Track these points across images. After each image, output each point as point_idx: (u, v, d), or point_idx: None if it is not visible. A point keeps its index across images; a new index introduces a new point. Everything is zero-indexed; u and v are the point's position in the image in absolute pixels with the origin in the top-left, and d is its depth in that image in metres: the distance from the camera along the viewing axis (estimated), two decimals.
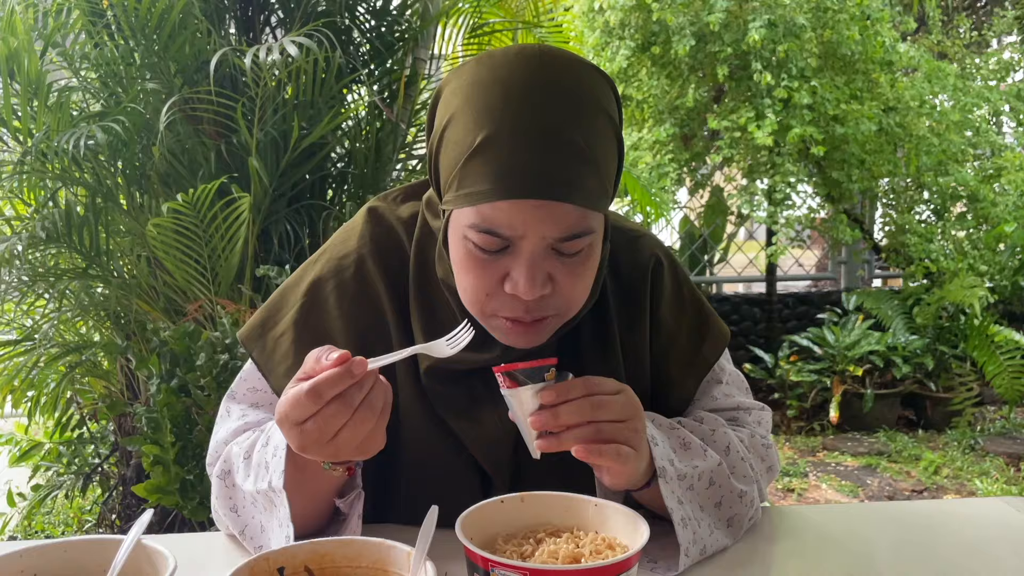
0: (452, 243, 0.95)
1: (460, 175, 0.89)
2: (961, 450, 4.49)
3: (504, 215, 0.87)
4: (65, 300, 3.09)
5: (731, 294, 6.03)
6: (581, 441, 0.87)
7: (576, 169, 0.87)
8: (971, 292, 4.58)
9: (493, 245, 0.90)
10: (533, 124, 0.86)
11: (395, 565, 0.80)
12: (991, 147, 5.24)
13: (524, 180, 0.86)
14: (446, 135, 0.91)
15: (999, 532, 1.10)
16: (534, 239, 0.89)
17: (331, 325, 1.06)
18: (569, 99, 0.88)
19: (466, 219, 0.90)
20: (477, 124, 0.87)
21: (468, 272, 0.93)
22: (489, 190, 0.86)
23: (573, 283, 0.93)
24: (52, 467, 3.45)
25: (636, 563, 0.79)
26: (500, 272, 0.91)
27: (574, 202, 0.87)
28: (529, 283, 0.89)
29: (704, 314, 1.15)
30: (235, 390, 1.13)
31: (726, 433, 1.07)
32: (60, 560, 0.83)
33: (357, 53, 3.23)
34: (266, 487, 0.94)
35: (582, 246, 0.91)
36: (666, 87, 5.00)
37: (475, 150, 0.87)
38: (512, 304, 0.92)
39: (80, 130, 2.60)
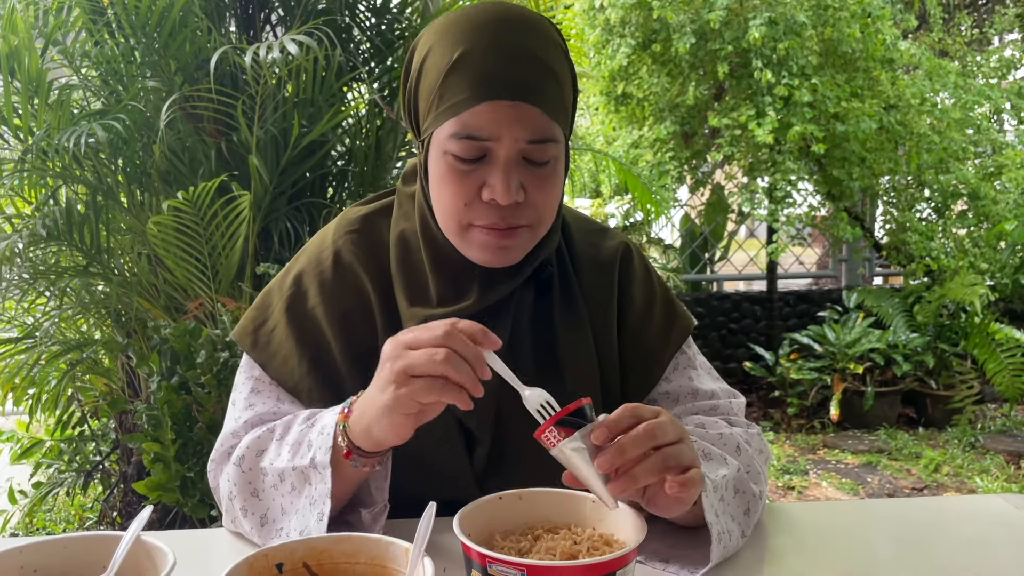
0: (432, 165, 1.03)
1: (440, 92, 0.99)
2: (961, 448, 4.49)
3: (482, 119, 0.97)
4: (66, 298, 3.10)
5: (732, 292, 6.02)
6: (655, 473, 0.84)
7: (542, 80, 0.99)
8: (972, 290, 4.58)
9: (472, 152, 0.99)
10: (503, 41, 0.99)
11: (393, 561, 0.80)
12: (992, 145, 5.24)
13: (499, 84, 0.97)
14: (425, 66, 1.02)
15: (998, 529, 1.10)
16: (508, 142, 0.98)
17: (316, 313, 1.11)
18: (531, 27, 1.02)
19: (447, 131, 0.99)
20: (453, 46, 0.99)
21: (448, 185, 1.01)
22: (468, 97, 0.97)
23: (543, 193, 1.02)
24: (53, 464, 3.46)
25: (634, 559, 0.79)
26: (478, 182, 1.00)
27: (542, 107, 0.98)
28: (505, 187, 0.98)
29: (671, 300, 1.22)
30: (236, 383, 1.16)
31: (732, 434, 1.07)
32: (60, 556, 0.83)
33: (357, 51, 3.23)
34: (306, 463, 0.97)
35: (548, 156, 1.01)
36: (667, 85, 5.00)
37: (453, 65, 0.98)
38: (488, 212, 1.01)
39: (81, 128, 2.60)
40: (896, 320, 4.96)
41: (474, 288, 1.08)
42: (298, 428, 1.02)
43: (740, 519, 1.01)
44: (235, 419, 1.11)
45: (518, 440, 1.05)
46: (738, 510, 1.01)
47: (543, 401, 0.87)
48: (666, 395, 1.17)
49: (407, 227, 1.12)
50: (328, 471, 0.95)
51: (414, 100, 1.06)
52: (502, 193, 0.98)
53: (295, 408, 1.10)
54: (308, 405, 1.09)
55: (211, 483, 1.14)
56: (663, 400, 1.17)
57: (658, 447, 0.84)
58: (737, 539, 0.99)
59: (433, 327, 0.87)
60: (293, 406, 1.10)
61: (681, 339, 1.19)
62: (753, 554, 1.02)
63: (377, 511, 1.01)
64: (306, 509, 0.98)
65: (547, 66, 1.00)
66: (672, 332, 1.19)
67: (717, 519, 0.95)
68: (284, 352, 1.10)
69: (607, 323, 1.15)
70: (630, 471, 0.83)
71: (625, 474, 0.83)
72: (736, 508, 1.01)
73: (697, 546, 0.97)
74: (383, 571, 0.81)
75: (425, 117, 1.03)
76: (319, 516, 0.95)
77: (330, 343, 1.09)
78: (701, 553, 0.96)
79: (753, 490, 1.04)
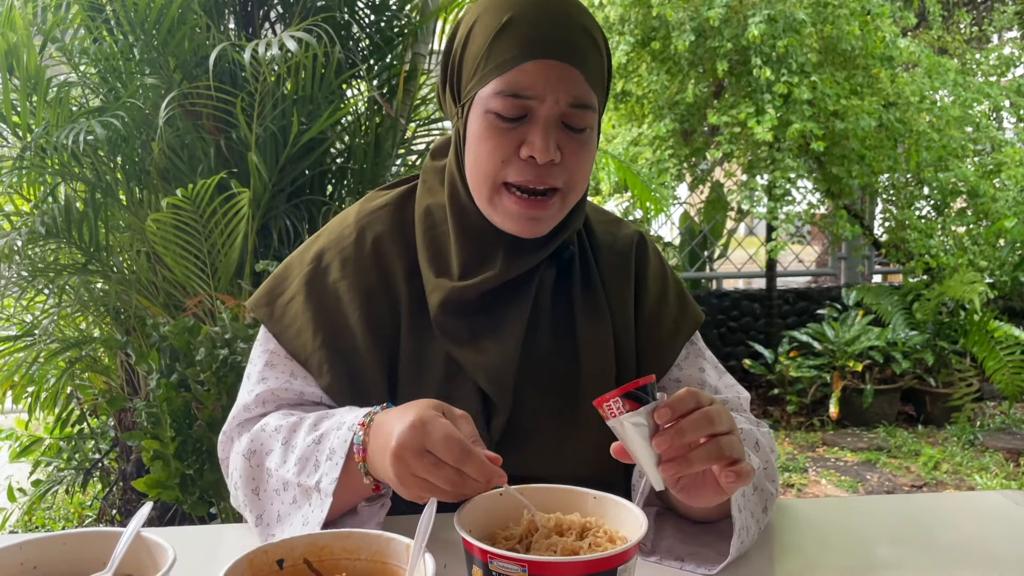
0: (472, 125, 1.05)
1: (487, 54, 1.03)
2: (960, 445, 4.50)
3: (528, 76, 1.01)
4: (65, 295, 3.10)
5: (731, 290, 6.02)
6: (710, 460, 0.84)
7: (585, 46, 1.04)
8: (971, 288, 4.58)
9: (514, 110, 1.02)
10: (551, 7, 1.04)
11: (394, 557, 0.80)
12: (991, 143, 5.24)
13: (546, 45, 1.01)
14: (473, 31, 1.06)
15: (997, 525, 1.10)
16: (550, 103, 1.01)
17: (338, 288, 1.12)
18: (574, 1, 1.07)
19: (492, 89, 1.02)
20: (502, 12, 1.04)
21: (487, 141, 1.04)
22: (516, 55, 1.01)
23: (577, 159, 1.05)
24: (52, 462, 3.46)
25: (635, 555, 0.79)
26: (517, 140, 1.03)
27: (583, 72, 1.02)
28: (544, 143, 1.01)
29: (683, 290, 1.26)
30: (251, 355, 1.17)
31: (751, 430, 1.08)
32: (60, 552, 0.83)
33: (356, 48, 3.23)
34: (311, 484, 0.97)
35: (585, 124, 1.04)
36: (666, 82, 5.00)
37: (502, 28, 1.02)
38: (524, 169, 1.03)
39: (79, 125, 2.60)
40: (895, 318, 4.96)
41: (499, 258, 1.09)
42: (306, 442, 1.00)
43: (758, 516, 1.01)
44: (248, 392, 1.12)
45: (534, 411, 1.09)
46: (757, 507, 1.01)
47: None
48: (676, 382, 1.18)
49: (432, 201, 1.14)
50: (329, 501, 0.95)
51: (458, 67, 1.08)
52: (541, 149, 1.01)
53: (307, 385, 1.10)
54: (319, 380, 1.09)
55: (220, 454, 1.15)
56: (673, 387, 1.18)
57: (714, 435, 0.85)
58: (753, 535, 1.00)
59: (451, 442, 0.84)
60: (306, 382, 1.10)
61: (692, 329, 1.21)
62: (753, 550, 1.02)
63: (379, 504, 1.01)
64: (298, 527, 0.98)
65: (591, 36, 1.05)
66: (684, 321, 1.21)
67: (740, 514, 0.95)
68: (299, 324, 1.11)
69: (624, 309, 1.17)
70: (687, 455, 0.83)
71: (681, 458, 0.83)
72: (756, 505, 1.01)
73: (711, 544, 0.98)
74: (384, 567, 0.80)
75: (470, 79, 1.06)
76: None
77: (349, 318, 1.10)
78: (715, 551, 0.96)
79: (769, 488, 1.04)
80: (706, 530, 0.99)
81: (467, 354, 1.08)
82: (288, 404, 1.11)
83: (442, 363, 1.09)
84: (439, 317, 1.09)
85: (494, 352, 1.08)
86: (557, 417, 1.09)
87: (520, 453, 1.04)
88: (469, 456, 0.84)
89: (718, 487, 0.87)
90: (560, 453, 1.09)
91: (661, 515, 1.05)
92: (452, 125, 1.13)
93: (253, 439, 1.06)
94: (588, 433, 1.05)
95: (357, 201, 1.21)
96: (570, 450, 1.09)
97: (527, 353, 1.10)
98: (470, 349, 1.09)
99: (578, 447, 1.09)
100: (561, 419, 1.09)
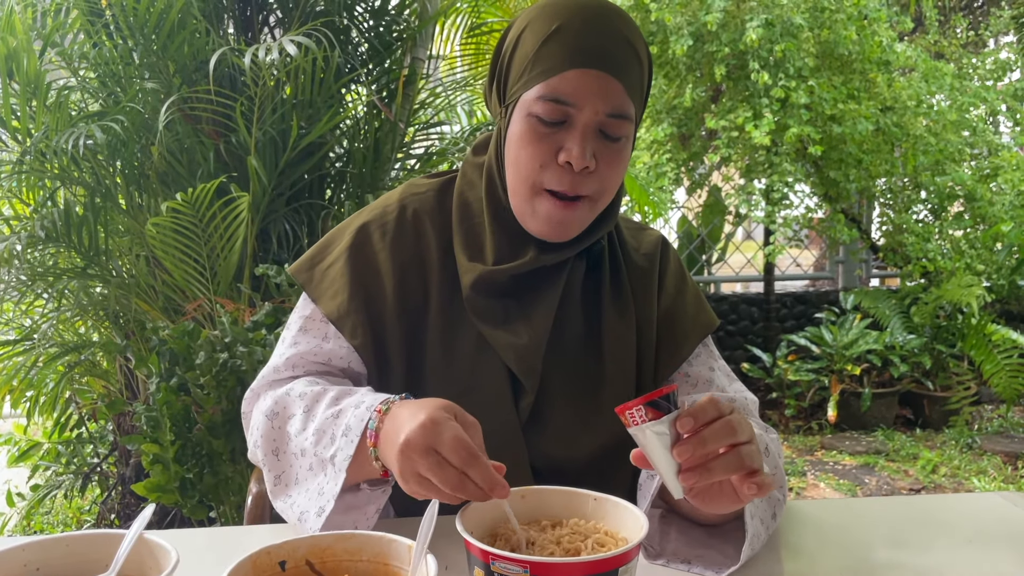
0: (514, 127, 1.10)
1: (534, 59, 1.07)
2: (959, 449, 4.50)
3: (570, 84, 1.05)
4: (64, 300, 3.10)
5: (729, 294, 6.03)
6: (731, 471, 0.84)
7: (627, 58, 1.08)
8: (968, 291, 4.59)
9: (555, 115, 1.06)
10: (598, 19, 1.08)
11: (396, 559, 0.81)
12: (988, 147, 5.25)
13: (590, 55, 1.05)
14: (523, 36, 1.10)
15: (997, 526, 1.11)
16: (589, 112, 1.05)
17: (377, 258, 1.16)
18: (621, 13, 1.11)
19: (535, 93, 1.07)
20: (551, 20, 1.08)
21: (527, 145, 1.08)
22: (561, 63, 1.05)
23: (611, 168, 1.09)
24: (51, 467, 3.45)
25: (636, 556, 0.80)
26: (556, 145, 1.07)
27: (623, 82, 1.06)
28: (581, 150, 1.05)
29: (700, 293, 1.28)
30: (288, 321, 1.21)
31: (761, 436, 1.07)
32: (63, 554, 0.83)
33: (355, 53, 3.23)
34: (327, 457, 0.99)
35: (622, 133, 1.08)
36: (664, 87, 5.01)
37: (550, 36, 1.07)
38: (561, 175, 1.07)
39: (79, 130, 2.60)
40: (893, 321, 4.96)
41: (531, 249, 1.13)
42: (326, 414, 1.02)
43: (768, 522, 1.02)
44: (279, 355, 1.16)
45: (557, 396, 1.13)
46: (767, 514, 1.02)
47: None
48: (686, 377, 1.20)
49: (471, 194, 1.19)
50: (342, 476, 0.97)
51: (506, 69, 1.12)
52: (578, 156, 1.04)
53: (339, 347, 1.13)
54: (352, 341, 1.12)
55: (243, 408, 1.19)
56: (682, 381, 1.20)
57: (735, 444, 0.85)
58: (763, 542, 1.00)
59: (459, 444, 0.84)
60: (337, 343, 1.13)
61: (706, 330, 1.23)
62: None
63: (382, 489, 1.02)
64: (314, 494, 1.00)
65: (634, 49, 1.09)
66: (699, 322, 1.23)
67: (752, 520, 0.95)
68: (336, 287, 1.15)
69: (648, 306, 1.21)
70: (707, 465, 0.83)
71: (702, 467, 0.83)
72: (765, 512, 1.01)
73: (717, 547, 0.98)
74: (386, 568, 0.81)
75: (516, 82, 1.10)
76: (319, 511, 0.98)
77: (385, 287, 1.14)
78: (721, 553, 0.97)
79: (777, 495, 1.05)
80: (712, 533, 1.00)
81: (498, 335, 1.12)
82: (316, 371, 1.14)
83: (473, 341, 1.13)
84: (471, 296, 1.13)
85: (524, 334, 1.12)
86: (578, 404, 1.13)
87: (541, 436, 1.11)
88: (476, 461, 0.84)
89: (735, 496, 0.86)
90: (578, 439, 1.12)
91: (666, 517, 1.05)
92: (495, 123, 1.18)
93: (277, 401, 1.09)
94: (606, 422, 1.08)
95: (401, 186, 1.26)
96: (588, 437, 1.13)
97: (555, 339, 1.14)
98: (501, 330, 1.13)
99: (595, 435, 1.12)
100: (582, 406, 1.13)
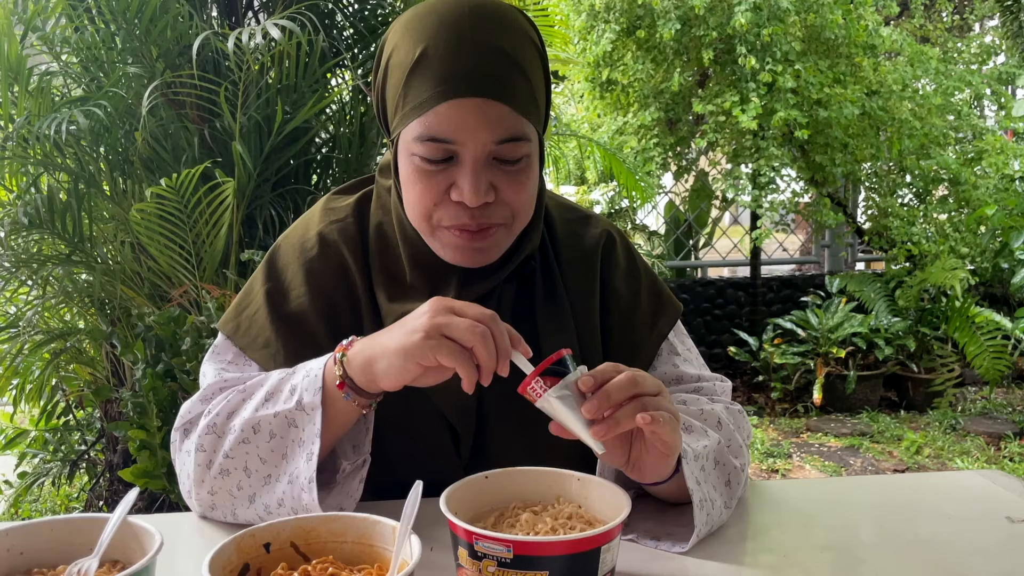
0: (401, 165, 1.02)
1: (404, 92, 0.98)
2: (942, 430, 4.55)
3: (446, 120, 0.95)
4: (49, 287, 3.07)
5: (716, 278, 6.05)
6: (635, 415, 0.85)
7: (507, 73, 0.97)
8: (952, 274, 4.63)
9: (438, 154, 0.97)
10: (465, 36, 0.96)
11: (380, 539, 0.81)
12: (972, 131, 5.28)
13: (461, 82, 0.95)
14: (391, 64, 1.01)
15: (977, 504, 1.12)
16: (475, 145, 0.96)
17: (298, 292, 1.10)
18: (496, 17, 0.99)
19: (412, 133, 0.98)
20: (416, 43, 0.97)
21: (416, 184, 1.00)
22: (430, 97, 0.95)
23: (516, 192, 1.01)
24: (38, 455, 3.44)
25: (618, 535, 0.81)
26: (446, 183, 0.99)
27: (507, 103, 0.96)
28: (473, 188, 0.96)
29: (658, 286, 1.22)
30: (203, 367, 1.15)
31: (713, 409, 1.09)
32: (46, 538, 0.83)
33: (340, 37, 3.21)
34: (292, 407, 0.96)
35: (520, 154, 0.99)
36: (651, 71, 5.00)
37: (415, 64, 0.96)
38: (458, 213, 0.99)
39: (62, 115, 2.57)
40: (878, 305, 5.00)
41: (452, 284, 1.08)
42: (275, 379, 1.00)
43: (722, 490, 1.03)
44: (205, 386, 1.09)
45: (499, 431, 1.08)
46: (719, 481, 1.03)
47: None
48: None
49: (385, 220, 1.12)
50: (317, 412, 0.95)
51: (382, 99, 1.05)
52: (470, 195, 0.97)
53: None
54: None
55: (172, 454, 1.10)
56: None
57: (638, 395, 0.87)
58: (720, 509, 1.01)
59: (481, 308, 0.89)
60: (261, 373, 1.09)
61: (668, 326, 1.20)
62: (737, 529, 1.03)
63: (358, 463, 1.01)
64: (294, 452, 0.97)
65: (514, 60, 0.97)
66: (659, 320, 1.19)
67: (699, 486, 0.97)
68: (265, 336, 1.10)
69: (589, 313, 1.15)
70: (613, 415, 0.86)
71: (609, 418, 0.86)
72: (717, 479, 1.02)
73: (685, 523, 0.99)
74: (370, 550, 0.81)
75: (392, 117, 1.02)
76: (308, 456, 0.95)
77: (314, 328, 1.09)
78: (689, 530, 0.97)
79: (733, 463, 1.05)
80: (683, 511, 1.01)
81: None
82: None
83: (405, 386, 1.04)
84: None
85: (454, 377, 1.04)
86: (523, 434, 1.06)
87: None
88: (494, 316, 0.87)
89: (659, 452, 0.89)
90: None
91: (638, 499, 1.06)
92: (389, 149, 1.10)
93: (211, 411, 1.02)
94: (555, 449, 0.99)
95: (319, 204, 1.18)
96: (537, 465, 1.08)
97: None
98: None
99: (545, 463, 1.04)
100: (527, 436, 1.05)
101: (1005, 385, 5.31)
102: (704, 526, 0.96)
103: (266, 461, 0.99)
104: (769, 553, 0.98)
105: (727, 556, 0.96)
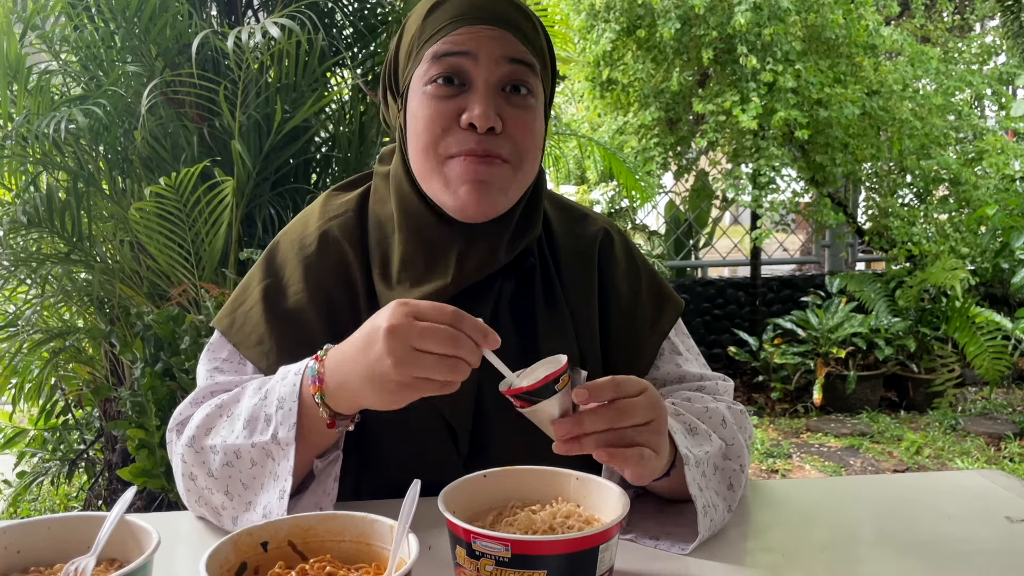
0: (412, 108, 1.04)
1: (419, 34, 1.04)
2: (942, 430, 4.54)
3: (462, 38, 1.01)
4: (48, 286, 3.07)
5: (716, 278, 6.05)
6: (602, 446, 0.86)
7: (516, 15, 1.05)
8: (953, 274, 4.62)
9: (451, 68, 1.01)
10: None
11: (378, 538, 0.81)
12: (973, 131, 5.28)
13: (479, 11, 1.02)
14: (407, 25, 1.08)
15: (976, 503, 1.12)
16: (487, 61, 1.01)
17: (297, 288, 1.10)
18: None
19: (428, 60, 1.02)
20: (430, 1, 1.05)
21: (427, 111, 1.02)
22: (447, 25, 1.02)
23: (522, 128, 1.03)
24: (37, 454, 3.44)
25: (616, 534, 0.80)
26: (456, 109, 1.01)
27: (517, 35, 1.03)
28: (483, 109, 0.99)
29: (659, 283, 1.21)
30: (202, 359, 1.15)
31: (717, 408, 1.08)
32: (44, 537, 0.83)
33: (340, 36, 3.21)
34: (267, 439, 0.95)
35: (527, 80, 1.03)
36: (651, 71, 5.00)
37: (432, 8, 1.04)
38: (466, 138, 1.01)
39: (61, 114, 2.57)
40: (878, 305, 5.00)
41: (451, 264, 1.06)
42: (250, 401, 0.99)
43: (724, 494, 1.02)
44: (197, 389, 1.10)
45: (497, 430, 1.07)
46: (721, 485, 1.02)
47: None
48: (653, 381, 1.17)
49: (383, 212, 1.12)
50: (292, 448, 0.94)
51: (394, 65, 1.09)
52: (480, 115, 0.99)
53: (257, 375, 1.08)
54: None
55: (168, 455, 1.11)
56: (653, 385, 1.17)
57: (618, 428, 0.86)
58: (723, 513, 1.01)
59: (440, 306, 0.85)
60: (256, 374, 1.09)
61: (669, 324, 1.19)
62: (737, 530, 1.03)
63: (331, 459, 1.00)
64: (270, 484, 0.96)
65: (525, 11, 1.06)
66: (661, 319, 1.18)
67: (701, 493, 0.96)
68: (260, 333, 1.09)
69: (589, 313, 1.14)
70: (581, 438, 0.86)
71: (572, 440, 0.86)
72: (719, 483, 1.02)
73: (684, 523, 0.99)
74: (368, 548, 0.81)
75: (406, 64, 1.06)
76: (280, 493, 0.94)
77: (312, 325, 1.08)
78: (689, 530, 0.97)
79: (734, 465, 1.05)
80: (683, 511, 1.00)
81: None
82: None
83: None
84: None
85: None
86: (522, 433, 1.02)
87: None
88: (461, 314, 0.85)
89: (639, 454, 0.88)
90: None
91: (637, 498, 1.05)
92: (394, 127, 1.12)
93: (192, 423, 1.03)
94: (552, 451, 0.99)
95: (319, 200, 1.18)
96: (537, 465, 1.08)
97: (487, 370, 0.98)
98: None
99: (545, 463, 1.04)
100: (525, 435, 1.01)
101: (1005, 385, 5.31)
102: (707, 532, 0.96)
103: (248, 487, 0.99)
104: (769, 553, 0.98)
105: (727, 556, 0.95)
